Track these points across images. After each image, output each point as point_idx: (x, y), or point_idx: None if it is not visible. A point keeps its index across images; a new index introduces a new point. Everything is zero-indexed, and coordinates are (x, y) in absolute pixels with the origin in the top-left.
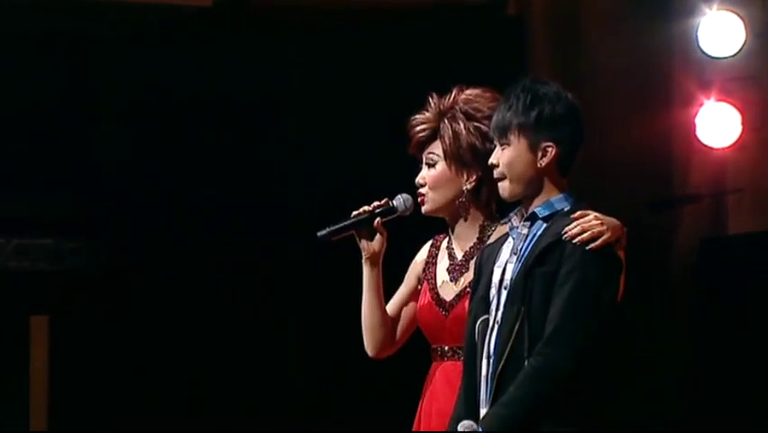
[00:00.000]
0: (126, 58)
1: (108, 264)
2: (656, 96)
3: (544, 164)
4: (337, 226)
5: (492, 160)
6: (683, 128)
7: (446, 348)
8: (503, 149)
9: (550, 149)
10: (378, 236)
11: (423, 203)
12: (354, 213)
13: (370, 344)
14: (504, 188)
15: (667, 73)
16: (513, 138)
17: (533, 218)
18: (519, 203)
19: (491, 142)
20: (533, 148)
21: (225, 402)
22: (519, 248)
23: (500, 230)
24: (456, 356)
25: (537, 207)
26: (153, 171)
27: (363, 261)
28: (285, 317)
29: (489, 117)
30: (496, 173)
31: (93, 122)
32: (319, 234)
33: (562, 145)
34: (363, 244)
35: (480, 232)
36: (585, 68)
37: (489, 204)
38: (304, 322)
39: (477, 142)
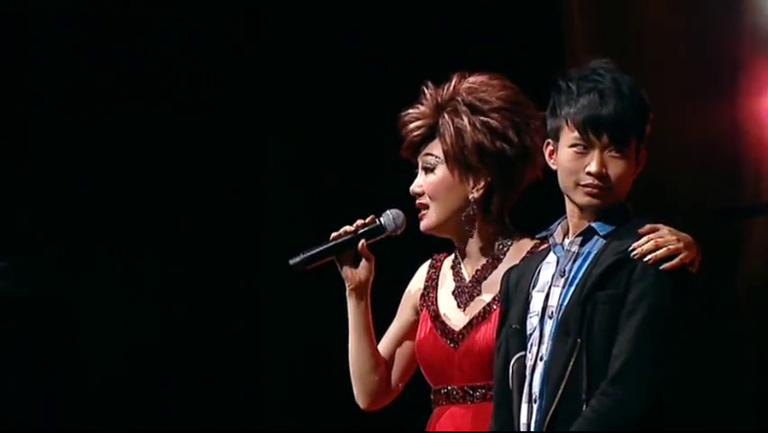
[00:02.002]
0: (64, 31)
1: (42, 288)
2: (720, 81)
3: (636, 174)
4: (313, 252)
5: (601, 170)
6: (754, 121)
7: (455, 389)
8: (615, 157)
9: (642, 156)
10: (363, 262)
11: (421, 218)
12: (334, 234)
13: (362, 394)
14: (601, 199)
15: (733, 52)
16: (632, 146)
17: (587, 234)
18: (557, 215)
19: (502, 139)
20: (636, 156)
21: None
22: (568, 269)
23: (518, 247)
24: (468, 399)
25: (595, 221)
26: (99, 171)
27: (347, 293)
28: (255, 355)
29: (498, 110)
30: (599, 183)
31: (22, 108)
32: (292, 261)
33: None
34: (347, 272)
35: (493, 249)
36: (631, 49)
37: (501, 216)
38: (277, 362)
39: (485, 141)
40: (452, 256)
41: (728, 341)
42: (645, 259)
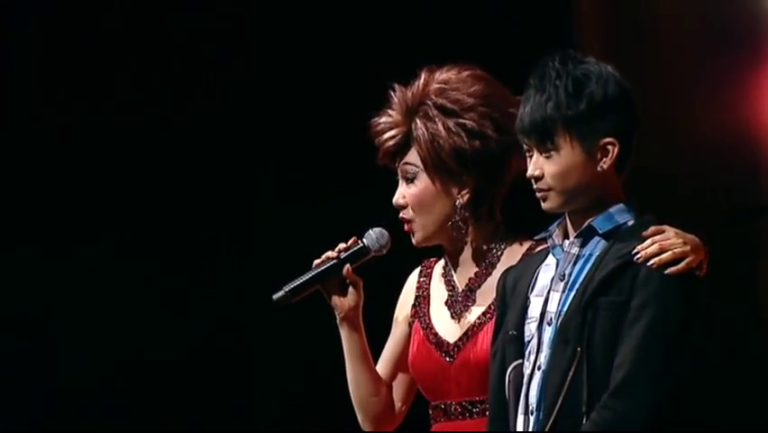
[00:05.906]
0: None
1: (23, 304)
2: (742, 67)
3: (606, 166)
4: (297, 284)
5: (534, 172)
6: None
7: (453, 405)
8: (547, 156)
9: (611, 146)
10: (351, 288)
11: (411, 231)
12: (316, 262)
13: (366, 421)
14: (551, 202)
15: (754, 41)
16: (562, 141)
17: (587, 234)
18: (557, 214)
19: (481, 139)
20: (590, 149)
21: None
22: (568, 272)
23: (512, 250)
24: (467, 414)
25: (594, 219)
26: (83, 178)
27: (338, 322)
28: (246, 376)
29: (473, 108)
30: (539, 186)
31: None
32: (275, 296)
33: (621, 138)
34: (335, 300)
35: (486, 255)
36: (648, 39)
37: (492, 216)
38: (269, 386)
39: (462, 143)
40: (443, 262)
41: (750, 346)
42: (649, 263)
